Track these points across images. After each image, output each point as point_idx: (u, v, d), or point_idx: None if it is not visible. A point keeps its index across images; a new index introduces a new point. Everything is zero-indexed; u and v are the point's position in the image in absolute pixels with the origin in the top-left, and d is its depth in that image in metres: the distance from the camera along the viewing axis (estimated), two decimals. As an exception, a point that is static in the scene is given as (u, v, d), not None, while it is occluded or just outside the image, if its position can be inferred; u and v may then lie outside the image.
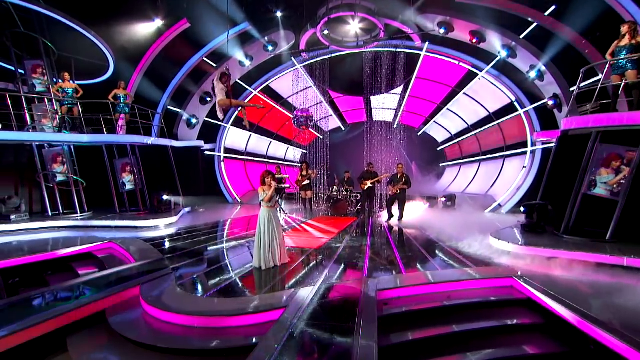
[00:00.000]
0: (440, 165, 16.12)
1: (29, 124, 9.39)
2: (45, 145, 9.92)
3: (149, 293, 4.31)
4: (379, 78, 13.20)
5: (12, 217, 8.62)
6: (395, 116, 15.59)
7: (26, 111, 9.34)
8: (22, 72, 9.73)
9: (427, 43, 12.30)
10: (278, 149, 17.57)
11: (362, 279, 4.68)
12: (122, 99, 10.00)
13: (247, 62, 13.49)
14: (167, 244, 7.03)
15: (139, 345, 3.44)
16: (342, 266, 5.48)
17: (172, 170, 11.73)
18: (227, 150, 15.68)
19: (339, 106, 16.58)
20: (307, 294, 4.09)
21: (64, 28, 9.76)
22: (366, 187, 10.33)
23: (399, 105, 15.12)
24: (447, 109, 14.39)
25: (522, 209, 7.05)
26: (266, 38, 12.90)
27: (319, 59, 14.00)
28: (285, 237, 6.32)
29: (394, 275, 4.97)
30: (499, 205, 11.71)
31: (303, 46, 12.83)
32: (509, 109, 12.21)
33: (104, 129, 10.26)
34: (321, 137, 15.91)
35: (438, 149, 16.23)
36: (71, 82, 9.69)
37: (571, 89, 8.98)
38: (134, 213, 10.11)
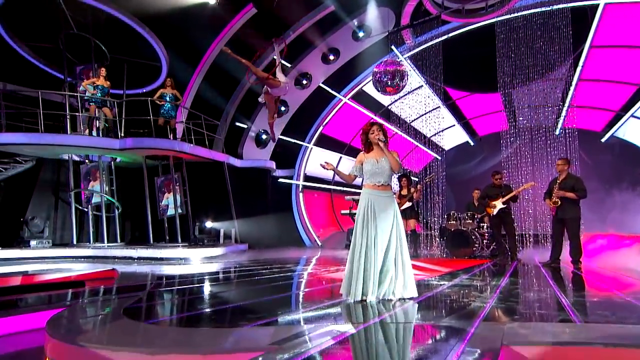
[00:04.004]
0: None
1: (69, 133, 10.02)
2: (86, 161, 10.47)
3: (61, 321, 3.05)
4: (524, 60, 11.12)
5: (33, 242, 8.91)
6: (558, 116, 12.72)
7: (68, 119, 10.02)
8: (70, 79, 10.75)
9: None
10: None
11: (472, 321, 2.57)
12: (168, 98, 10.05)
13: (331, 58, 12.87)
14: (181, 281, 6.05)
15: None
16: (438, 305, 3.38)
17: (227, 196, 11.23)
18: (308, 178, 14.81)
19: (464, 111, 14.59)
20: (328, 334, 2.40)
21: (116, 29, 10.60)
22: (495, 212, 7.63)
23: (563, 97, 12.33)
24: (657, 91, 11.11)
25: None
26: (355, 21, 12.18)
27: (429, 43, 12.53)
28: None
29: (554, 324, 2.70)
30: None
31: (406, 21, 11.60)
32: None
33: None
34: (439, 157, 13.95)
35: (644, 160, 12.49)
36: (106, 80, 10.14)
37: None
38: (169, 244, 9.62)
